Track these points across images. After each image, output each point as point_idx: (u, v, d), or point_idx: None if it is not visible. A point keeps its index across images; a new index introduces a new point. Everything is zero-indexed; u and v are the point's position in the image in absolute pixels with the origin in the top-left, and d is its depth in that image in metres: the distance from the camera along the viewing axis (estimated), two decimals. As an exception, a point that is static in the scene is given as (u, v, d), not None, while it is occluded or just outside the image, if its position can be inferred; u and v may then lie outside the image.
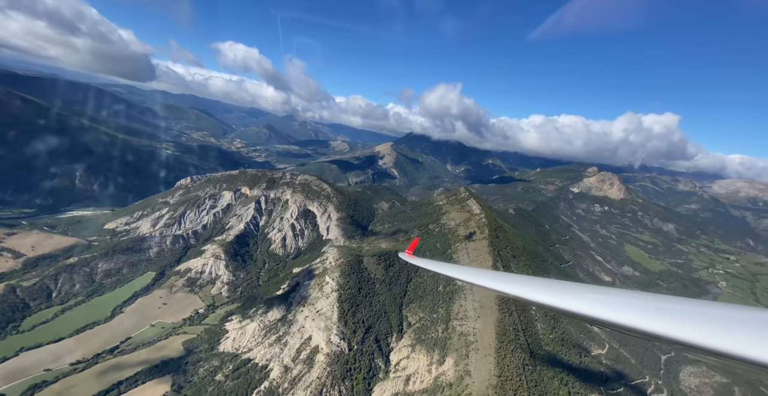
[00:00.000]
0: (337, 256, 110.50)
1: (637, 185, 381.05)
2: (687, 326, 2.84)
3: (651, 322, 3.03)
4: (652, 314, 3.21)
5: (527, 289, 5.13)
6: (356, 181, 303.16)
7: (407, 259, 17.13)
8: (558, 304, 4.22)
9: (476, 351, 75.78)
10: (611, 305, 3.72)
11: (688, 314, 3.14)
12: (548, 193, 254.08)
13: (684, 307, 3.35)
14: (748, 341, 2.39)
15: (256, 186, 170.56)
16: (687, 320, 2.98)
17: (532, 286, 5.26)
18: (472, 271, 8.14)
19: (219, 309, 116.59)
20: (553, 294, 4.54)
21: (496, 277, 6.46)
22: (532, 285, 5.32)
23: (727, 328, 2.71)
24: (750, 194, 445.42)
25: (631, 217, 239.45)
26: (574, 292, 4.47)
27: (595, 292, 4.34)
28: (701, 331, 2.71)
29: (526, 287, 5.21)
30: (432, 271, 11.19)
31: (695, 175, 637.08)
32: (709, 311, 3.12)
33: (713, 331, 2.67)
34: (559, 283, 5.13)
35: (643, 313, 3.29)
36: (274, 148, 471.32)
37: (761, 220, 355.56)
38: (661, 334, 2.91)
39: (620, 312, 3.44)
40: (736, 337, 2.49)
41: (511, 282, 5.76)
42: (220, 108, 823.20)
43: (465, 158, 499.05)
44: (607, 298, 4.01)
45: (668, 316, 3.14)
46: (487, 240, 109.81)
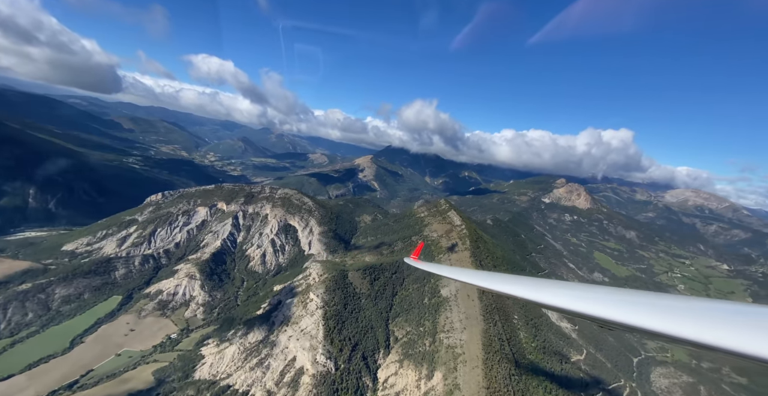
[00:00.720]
0: (321, 272, 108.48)
1: (600, 195, 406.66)
2: (681, 322, 2.98)
3: (663, 323, 3.08)
4: (663, 315, 3.26)
5: (533, 291, 5.10)
6: (337, 194, 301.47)
7: (413, 264, 17.36)
8: (565, 306, 4.24)
9: (464, 363, 76.24)
10: (618, 305, 3.75)
11: (680, 310, 3.29)
12: (522, 204, 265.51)
13: (676, 303, 3.50)
14: (747, 337, 2.48)
15: (233, 201, 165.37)
16: (678, 316, 3.13)
17: (538, 287, 5.25)
18: (477, 274, 8.12)
19: (194, 333, 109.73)
20: (559, 295, 4.56)
21: (502, 280, 6.48)
22: (538, 287, 5.31)
23: (720, 323, 2.80)
24: (697, 203, 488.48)
25: (598, 225, 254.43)
26: (581, 292, 4.49)
27: (601, 292, 4.37)
28: (691, 326, 2.85)
29: (532, 289, 5.19)
30: (438, 274, 11.45)
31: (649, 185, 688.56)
32: (695, 306, 3.29)
33: (706, 325, 2.79)
34: (565, 284, 5.15)
35: (653, 313, 3.33)
36: (250, 161, 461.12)
37: (708, 226, 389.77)
38: (663, 333, 3.00)
39: (630, 312, 3.47)
40: (738, 333, 2.59)
41: (517, 284, 5.78)
42: (191, 121, 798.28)
43: (442, 171, 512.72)
44: (615, 298, 4.03)
45: (668, 314, 3.25)
46: (469, 250, 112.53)
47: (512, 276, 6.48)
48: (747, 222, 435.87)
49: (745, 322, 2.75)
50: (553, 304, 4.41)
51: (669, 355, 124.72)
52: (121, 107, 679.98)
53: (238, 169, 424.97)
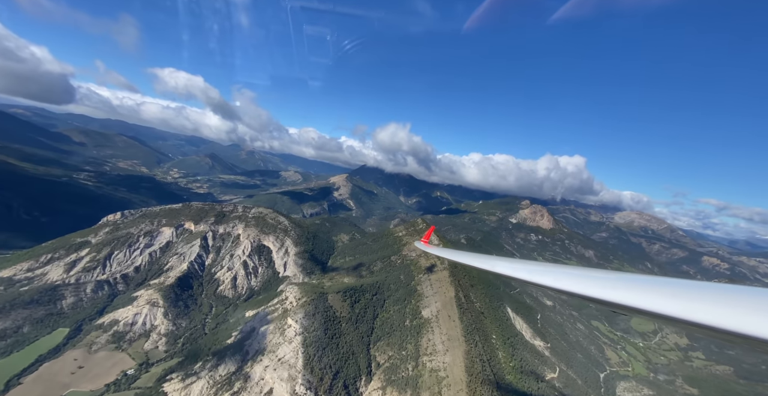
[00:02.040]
0: (299, 295, 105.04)
1: (560, 216, 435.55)
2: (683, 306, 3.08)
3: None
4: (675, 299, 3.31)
5: (544, 276, 5.12)
6: (311, 213, 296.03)
7: (423, 248, 17.55)
8: (571, 289, 4.34)
9: (448, 387, 76.30)
10: (626, 290, 3.81)
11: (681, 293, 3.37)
12: (491, 224, 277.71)
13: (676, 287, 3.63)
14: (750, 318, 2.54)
15: (202, 220, 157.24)
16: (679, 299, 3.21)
17: (547, 273, 5.26)
18: (488, 259, 7.99)
19: (155, 367, 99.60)
20: (568, 280, 4.62)
21: (512, 264, 6.44)
22: (548, 272, 5.32)
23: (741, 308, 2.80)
24: (641, 224, 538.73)
25: (560, 244, 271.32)
26: (590, 277, 4.52)
27: (611, 278, 4.39)
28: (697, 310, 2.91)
29: (543, 274, 5.21)
30: (449, 259, 11.40)
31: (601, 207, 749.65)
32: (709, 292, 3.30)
33: (723, 312, 2.79)
34: (574, 269, 5.20)
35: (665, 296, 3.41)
36: (217, 178, 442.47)
37: (652, 246, 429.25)
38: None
39: (639, 296, 3.52)
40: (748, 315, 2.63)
41: (528, 269, 5.79)
42: (154, 135, 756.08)
43: (416, 190, 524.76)
44: (623, 284, 4.08)
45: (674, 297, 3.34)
46: (448, 270, 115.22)
47: (533, 263, 6.44)
48: (683, 242, 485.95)
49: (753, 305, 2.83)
50: (568, 290, 4.45)
51: (630, 370, 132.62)
52: (72, 119, 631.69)
53: (204, 186, 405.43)
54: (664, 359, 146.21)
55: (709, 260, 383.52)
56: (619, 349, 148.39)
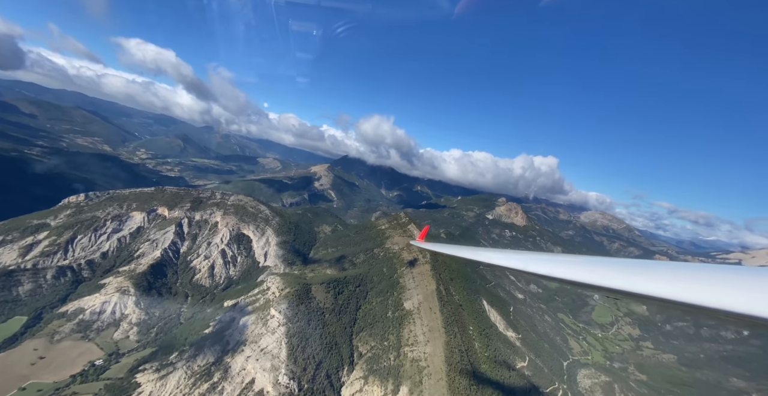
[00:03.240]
0: (282, 286, 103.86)
1: (533, 214, 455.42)
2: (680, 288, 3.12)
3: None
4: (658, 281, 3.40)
5: (542, 265, 5.14)
6: (291, 203, 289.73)
7: (419, 245, 17.58)
8: (569, 277, 4.37)
9: (429, 376, 79.39)
10: (618, 275, 3.84)
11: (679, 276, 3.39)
12: (469, 219, 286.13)
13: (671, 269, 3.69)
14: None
15: (177, 206, 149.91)
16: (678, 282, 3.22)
17: (542, 262, 5.28)
18: (485, 252, 7.96)
19: (126, 357, 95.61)
20: (563, 268, 4.64)
21: (509, 256, 6.49)
22: (542, 261, 5.35)
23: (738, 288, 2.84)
24: (604, 223, 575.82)
25: (532, 241, 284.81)
26: (584, 264, 4.58)
27: (603, 264, 4.46)
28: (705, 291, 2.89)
29: (540, 264, 5.24)
30: (447, 254, 11.33)
31: (569, 206, 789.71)
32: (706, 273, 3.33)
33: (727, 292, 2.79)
34: (567, 257, 5.19)
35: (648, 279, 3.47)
36: (190, 161, 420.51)
37: (612, 244, 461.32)
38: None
39: (636, 281, 3.55)
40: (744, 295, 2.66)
41: (525, 260, 5.81)
42: (116, 111, 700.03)
43: (397, 184, 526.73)
44: (616, 268, 4.11)
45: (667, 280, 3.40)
46: (429, 264, 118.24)
47: (518, 252, 6.54)
48: (638, 241, 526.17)
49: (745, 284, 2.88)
50: (566, 278, 4.49)
51: (589, 358, 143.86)
52: (20, 87, 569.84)
53: (175, 169, 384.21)
54: (619, 348, 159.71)
55: (660, 259, 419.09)
56: (581, 339, 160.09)
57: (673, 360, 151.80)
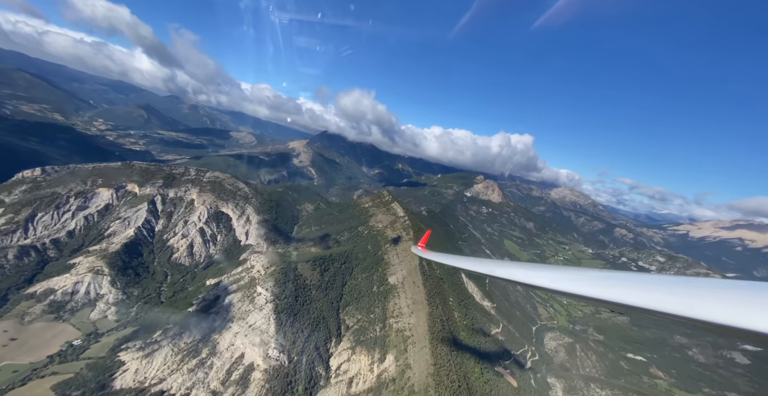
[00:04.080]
0: (267, 264, 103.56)
1: (508, 191, 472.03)
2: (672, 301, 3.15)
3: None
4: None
5: (543, 278, 5.18)
6: (270, 180, 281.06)
7: (420, 254, 16.84)
8: (571, 290, 4.34)
9: (413, 344, 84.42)
10: (614, 288, 3.83)
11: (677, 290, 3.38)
12: (449, 197, 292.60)
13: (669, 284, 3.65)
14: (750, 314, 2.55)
15: (148, 183, 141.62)
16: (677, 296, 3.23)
17: (542, 275, 5.34)
18: (486, 263, 7.95)
19: (106, 337, 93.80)
20: (564, 281, 4.63)
21: (511, 268, 6.52)
22: (542, 274, 5.39)
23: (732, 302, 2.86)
24: (572, 199, 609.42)
25: (507, 217, 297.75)
26: (585, 277, 4.55)
27: (600, 277, 4.46)
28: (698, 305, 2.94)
29: (539, 277, 5.29)
30: (447, 265, 11.21)
31: (541, 183, 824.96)
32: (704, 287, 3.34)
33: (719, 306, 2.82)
34: (568, 270, 5.20)
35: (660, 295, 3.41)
36: (156, 134, 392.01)
37: (579, 218, 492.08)
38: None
39: (633, 296, 3.53)
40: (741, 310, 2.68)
41: (527, 271, 5.84)
42: (65, 75, 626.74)
43: (378, 161, 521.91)
44: (613, 283, 4.09)
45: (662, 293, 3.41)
46: (413, 241, 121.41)
47: (531, 264, 6.52)
48: (602, 215, 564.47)
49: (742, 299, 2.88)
50: (564, 290, 4.50)
51: (555, 322, 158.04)
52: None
53: (140, 142, 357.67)
54: (580, 313, 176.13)
55: (619, 231, 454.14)
56: (548, 306, 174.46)
57: (626, 322, 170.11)
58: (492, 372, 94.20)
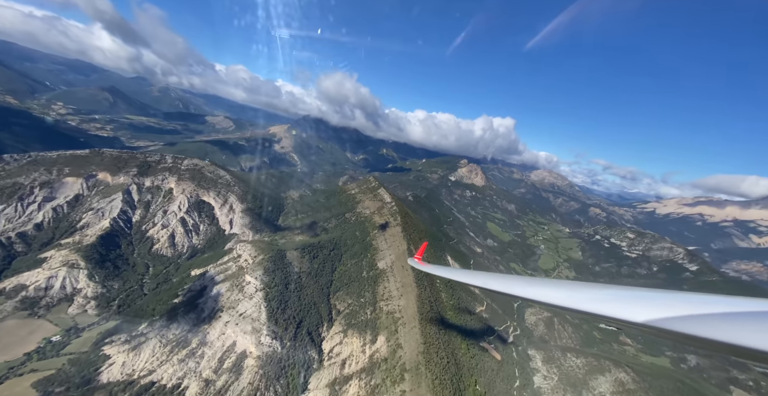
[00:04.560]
0: (255, 253, 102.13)
1: (490, 174, 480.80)
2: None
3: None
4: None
5: (541, 291, 5.08)
6: (251, 167, 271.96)
7: (416, 266, 16.64)
8: (571, 305, 4.24)
9: (403, 325, 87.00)
10: (624, 305, 3.70)
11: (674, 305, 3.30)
12: (434, 181, 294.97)
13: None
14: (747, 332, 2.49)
15: (121, 171, 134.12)
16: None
17: (545, 288, 5.20)
18: (483, 276, 7.83)
19: (87, 332, 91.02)
20: (566, 295, 4.57)
21: (509, 281, 6.42)
22: (545, 287, 5.25)
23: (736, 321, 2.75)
24: (550, 181, 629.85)
25: (489, 200, 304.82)
26: (584, 292, 4.45)
27: (603, 292, 4.32)
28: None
29: (540, 290, 5.19)
30: (445, 278, 10.82)
31: (521, 166, 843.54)
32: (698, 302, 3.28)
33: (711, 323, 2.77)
34: (568, 284, 5.05)
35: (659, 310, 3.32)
36: (124, 118, 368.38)
37: (557, 199, 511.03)
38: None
39: (638, 312, 3.41)
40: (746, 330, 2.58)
41: (526, 285, 5.71)
42: (15, 53, 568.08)
43: (362, 147, 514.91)
44: (610, 297, 4.00)
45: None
46: (400, 226, 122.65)
47: (531, 278, 6.39)
48: (577, 196, 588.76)
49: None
50: (562, 305, 4.43)
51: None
52: None
53: (107, 128, 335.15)
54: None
55: (594, 211, 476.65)
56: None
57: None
58: (477, 347, 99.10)
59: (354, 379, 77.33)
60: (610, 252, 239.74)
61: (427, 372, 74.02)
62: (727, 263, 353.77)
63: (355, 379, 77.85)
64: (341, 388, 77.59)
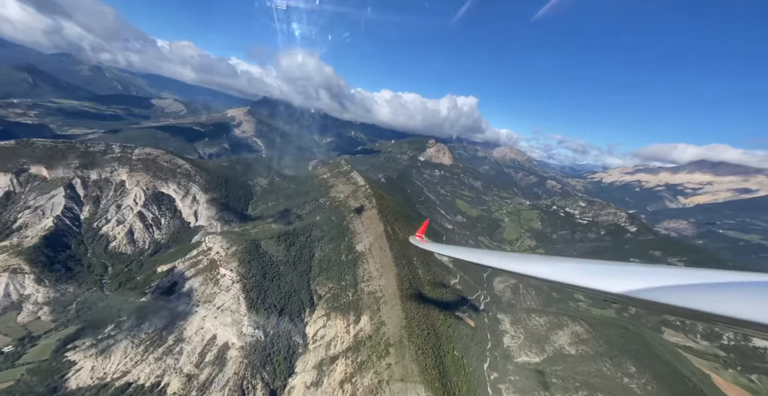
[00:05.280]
0: (226, 245, 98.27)
1: (456, 153, 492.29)
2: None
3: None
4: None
5: (538, 268, 5.23)
6: (210, 154, 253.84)
7: (417, 244, 16.85)
8: (569, 281, 4.40)
9: (385, 304, 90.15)
10: (615, 279, 3.89)
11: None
12: (404, 162, 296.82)
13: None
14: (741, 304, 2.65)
15: (59, 164, 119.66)
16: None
17: (539, 264, 5.35)
18: (484, 254, 7.92)
19: (44, 339, 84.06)
20: (561, 271, 4.70)
21: (507, 258, 6.50)
22: (539, 263, 5.40)
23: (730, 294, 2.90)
24: (511, 157, 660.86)
25: (457, 178, 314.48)
26: (580, 268, 4.59)
27: (587, 268, 4.51)
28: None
29: (537, 266, 5.32)
30: (446, 255, 11.16)
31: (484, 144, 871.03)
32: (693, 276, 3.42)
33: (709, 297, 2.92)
34: (564, 260, 5.23)
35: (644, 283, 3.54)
36: (50, 102, 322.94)
37: (518, 174, 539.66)
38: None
39: (629, 285, 3.62)
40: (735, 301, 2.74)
41: (523, 262, 5.84)
42: None
43: (329, 129, 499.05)
44: (611, 272, 4.16)
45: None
46: (376, 209, 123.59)
47: (528, 255, 6.42)
48: (536, 170, 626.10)
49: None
50: (559, 280, 4.56)
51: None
52: None
53: (30, 113, 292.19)
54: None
55: (550, 183, 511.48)
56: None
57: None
58: (453, 317, 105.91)
59: (340, 359, 79.87)
60: (566, 220, 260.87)
61: (410, 344, 78.29)
62: (660, 223, 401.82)
63: (342, 358, 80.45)
64: (328, 367, 79.96)
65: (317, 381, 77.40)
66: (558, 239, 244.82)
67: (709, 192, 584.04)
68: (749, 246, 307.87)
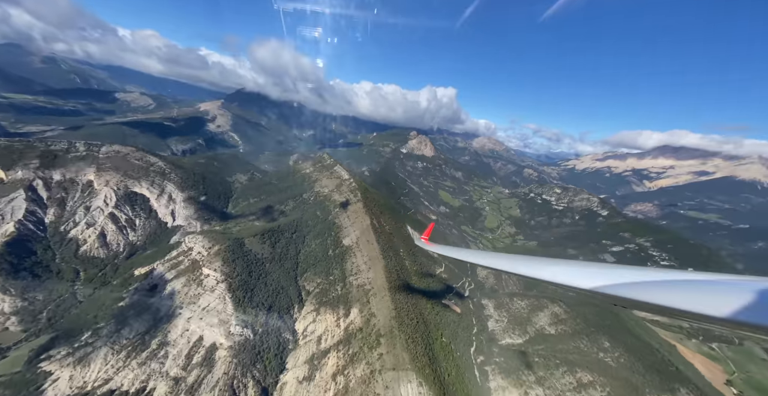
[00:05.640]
0: (208, 244, 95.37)
1: (437, 144, 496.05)
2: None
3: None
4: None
5: (547, 271, 5.15)
6: (184, 150, 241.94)
7: (425, 247, 16.68)
8: (579, 285, 4.29)
9: (374, 296, 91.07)
10: (633, 284, 3.79)
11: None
12: (386, 155, 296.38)
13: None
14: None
15: (18, 164, 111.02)
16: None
17: (548, 267, 5.26)
18: (491, 256, 7.81)
19: (15, 351, 79.39)
20: (565, 275, 4.67)
21: (516, 261, 6.44)
22: (549, 266, 5.31)
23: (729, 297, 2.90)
24: (490, 147, 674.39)
25: (439, 169, 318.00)
26: (591, 271, 4.51)
27: (599, 272, 4.40)
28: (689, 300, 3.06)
29: (547, 269, 5.24)
30: (453, 258, 10.95)
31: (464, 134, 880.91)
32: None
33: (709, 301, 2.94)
34: (570, 264, 5.13)
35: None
36: (1, 98, 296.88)
37: (496, 164, 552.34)
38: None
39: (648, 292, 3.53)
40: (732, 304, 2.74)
41: (531, 265, 5.81)
42: None
43: (309, 122, 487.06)
44: (613, 277, 4.09)
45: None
46: (362, 202, 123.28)
47: (537, 258, 6.37)
48: (513, 159, 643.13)
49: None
50: (566, 283, 4.52)
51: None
52: None
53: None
54: (502, 244, 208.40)
55: (527, 171, 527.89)
56: (478, 242, 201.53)
57: (535, 245, 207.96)
58: (440, 305, 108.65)
59: (332, 352, 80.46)
60: (543, 207, 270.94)
61: (400, 334, 79.87)
62: (628, 206, 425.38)
63: (333, 352, 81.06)
64: (320, 362, 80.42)
65: (309, 375, 77.77)
66: (536, 225, 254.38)
67: (671, 175, 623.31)
68: (707, 225, 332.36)
